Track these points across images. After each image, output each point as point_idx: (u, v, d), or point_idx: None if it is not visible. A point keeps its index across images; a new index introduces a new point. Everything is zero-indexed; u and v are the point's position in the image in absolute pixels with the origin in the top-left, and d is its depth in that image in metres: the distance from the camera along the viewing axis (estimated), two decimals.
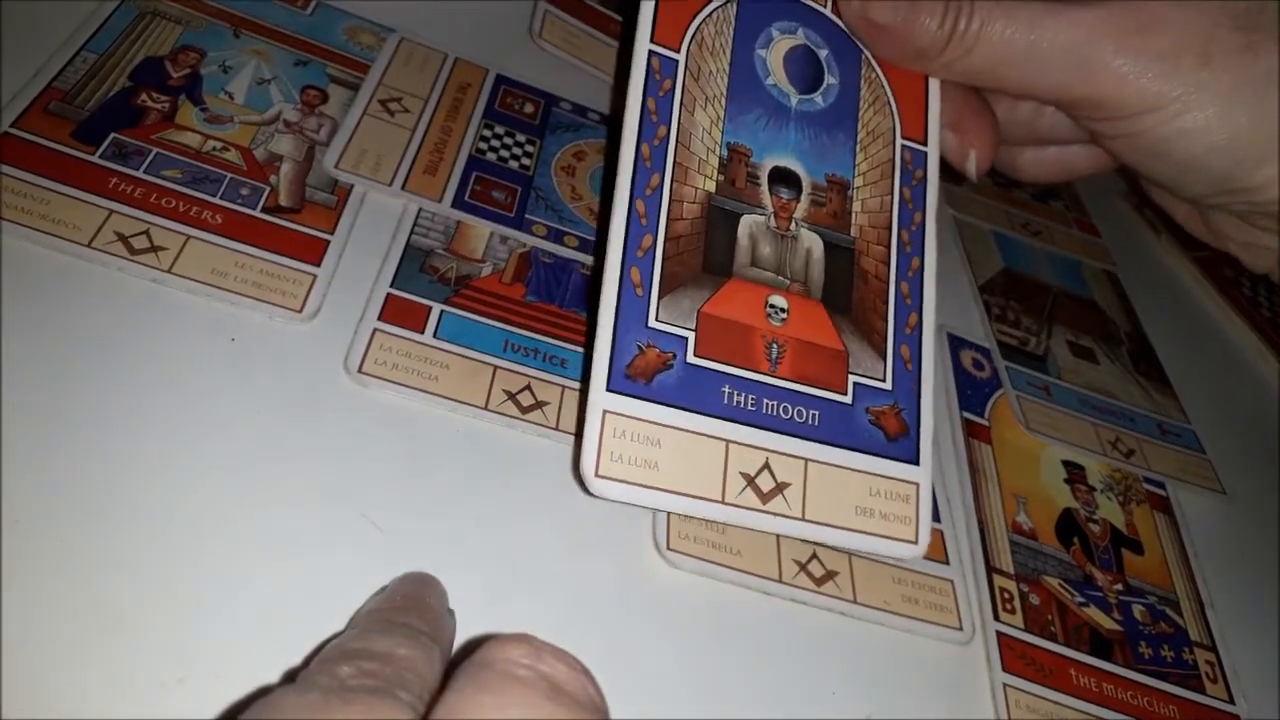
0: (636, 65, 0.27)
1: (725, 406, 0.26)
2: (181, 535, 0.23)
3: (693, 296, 0.26)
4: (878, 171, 0.30)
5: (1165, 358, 0.45)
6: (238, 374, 0.27)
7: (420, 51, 0.38)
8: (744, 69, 0.29)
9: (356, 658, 0.18)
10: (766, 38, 0.29)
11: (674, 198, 0.27)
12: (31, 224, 0.27)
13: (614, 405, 0.24)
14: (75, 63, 0.31)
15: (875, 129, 0.30)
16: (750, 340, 0.27)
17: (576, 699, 0.17)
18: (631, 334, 0.25)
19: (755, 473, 0.25)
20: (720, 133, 0.28)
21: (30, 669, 0.20)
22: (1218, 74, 0.27)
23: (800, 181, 0.29)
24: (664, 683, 0.25)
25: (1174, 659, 0.32)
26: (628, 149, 0.26)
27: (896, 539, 0.26)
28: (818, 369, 0.27)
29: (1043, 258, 0.47)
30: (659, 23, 0.28)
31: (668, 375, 0.25)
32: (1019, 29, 0.28)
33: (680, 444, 0.25)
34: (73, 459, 0.23)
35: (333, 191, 0.32)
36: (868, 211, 0.29)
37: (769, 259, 0.28)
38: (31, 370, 0.24)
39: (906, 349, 0.28)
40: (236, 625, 0.22)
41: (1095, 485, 0.37)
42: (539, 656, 0.17)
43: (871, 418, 0.27)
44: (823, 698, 0.27)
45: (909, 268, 0.29)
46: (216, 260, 0.28)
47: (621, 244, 0.26)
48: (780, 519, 0.25)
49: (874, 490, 0.26)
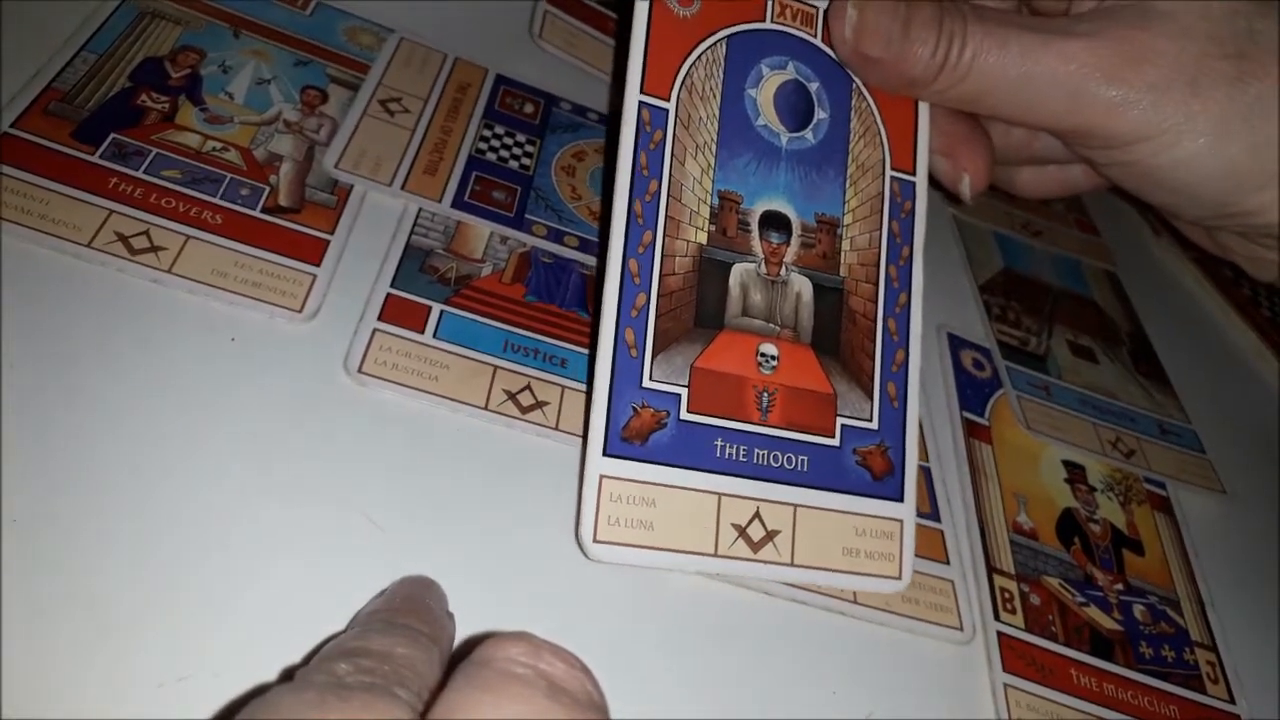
0: (627, 119, 0.27)
1: (718, 460, 0.26)
2: (182, 535, 0.23)
3: (685, 352, 0.27)
4: (867, 207, 0.30)
5: (1165, 358, 0.45)
6: (237, 374, 0.27)
7: (420, 52, 0.38)
8: (734, 112, 0.29)
9: (355, 655, 0.18)
10: (757, 75, 0.29)
11: (666, 253, 0.27)
12: (31, 224, 0.27)
13: (611, 469, 0.25)
14: (75, 63, 0.31)
15: (865, 162, 0.30)
16: (742, 391, 0.27)
17: (575, 697, 0.17)
18: (626, 396, 0.26)
19: (746, 523, 0.26)
20: (711, 181, 0.28)
21: (30, 669, 0.20)
22: (1208, 104, 0.27)
23: (790, 224, 0.29)
24: (664, 683, 0.25)
25: (1175, 659, 0.32)
26: (620, 207, 0.26)
27: (881, 576, 0.27)
28: (807, 414, 0.27)
29: (1043, 257, 0.47)
30: (648, 72, 0.27)
31: (662, 434, 0.26)
32: (1011, 60, 0.28)
33: (674, 502, 0.25)
34: (73, 459, 0.23)
35: (333, 192, 0.32)
36: (856, 249, 0.29)
37: (760, 307, 0.28)
38: (31, 371, 0.24)
39: (893, 386, 0.29)
40: (237, 625, 0.22)
41: (1095, 485, 0.37)
42: (538, 655, 0.17)
43: (858, 458, 0.28)
44: (823, 698, 0.27)
45: (896, 303, 0.29)
46: (216, 260, 0.28)
47: (615, 305, 0.26)
48: (771, 566, 0.26)
49: (860, 530, 0.27)
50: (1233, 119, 0.27)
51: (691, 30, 0.28)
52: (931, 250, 0.44)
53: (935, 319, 0.41)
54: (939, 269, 0.43)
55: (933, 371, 0.38)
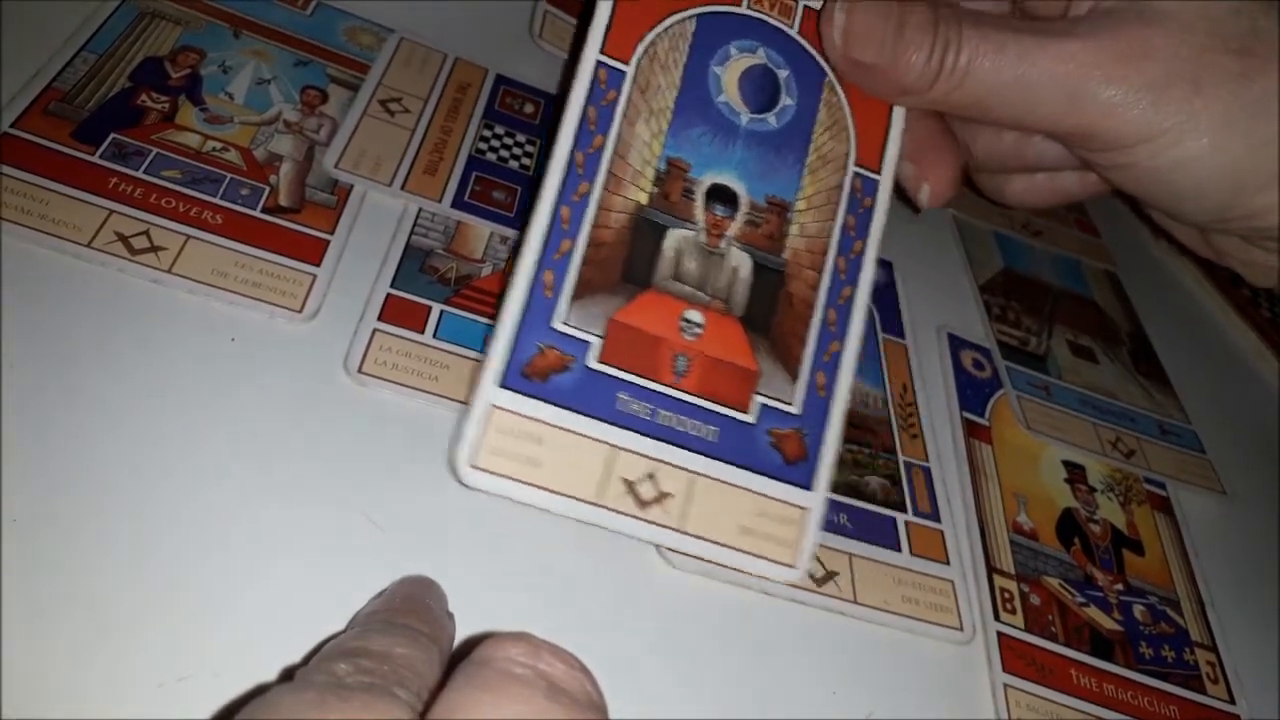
0: (582, 75, 0.27)
1: (618, 412, 0.25)
2: (182, 535, 0.23)
3: (605, 304, 0.26)
4: (823, 196, 0.29)
5: (1165, 358, 0.45)
6: (238, 374, 0.27)
7: (420, 52, 0.38)
8: (695, 85, 0.28)
9: (354, 655, 0.18)
10: (724, 55, 0.29)
11: (602, 206, 0.26)
12: (31, 224, 0.27)
13: (503, 401, 0.24)
14: (75, 63, 0.31)
15: (828, 153, 0.29)
16: (658, 351, 0.26)
17: (575, 698, 0.17)
18: (534, 335, 0.25)
19: (638, 479, 0.25)
20: (661, 146, 0.28)
21: (30, 669, 0.20)
22: (1210, 102, 0.26)
23: (738, 200, 0.28)
24: (664, 683, 0.25)
25: (1174, 659, 0.32)
26: (560, 155, 0.26)
27: (775, 561, 0.26)
28: (724, 386, 0.27)
29: (1043, 257, 0.47)
30: (611, 34, 0.27)
31: (564, 377, 0.25)
32: (1008, 63, 0.27)
33: (564, 444, 0.25)
34: (73, 459, 0.23)
35: (333, 192, 0.32)
36: (806, 236, 0.29)
37: (693, 274, 0.27)
38: (31, 371, 0.24)
39: (822, 375, 0.28)
40: (237, 625, 0.22)
41: (1095, 485, 0.37)
42: (537, 655, 0.17)
43: (772, 439, 0.27)
44: (823, 698, 0.27)
45: (839, 295, 0.29)
46: (216, 260, 0.28)
47: (540, 247, 0.25)
48: (655, 527, 0.25)
49: (761, 511, 0.26)
50: (1236, 117, 0.27)
51: (662, 3, 0.28)
52: (931, 250, 0.44)
53: (935, 319, 0.41)
54: (939, 269, 0.43)
55: (933, 371, 0.38)
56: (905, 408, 0.36)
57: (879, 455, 0.33)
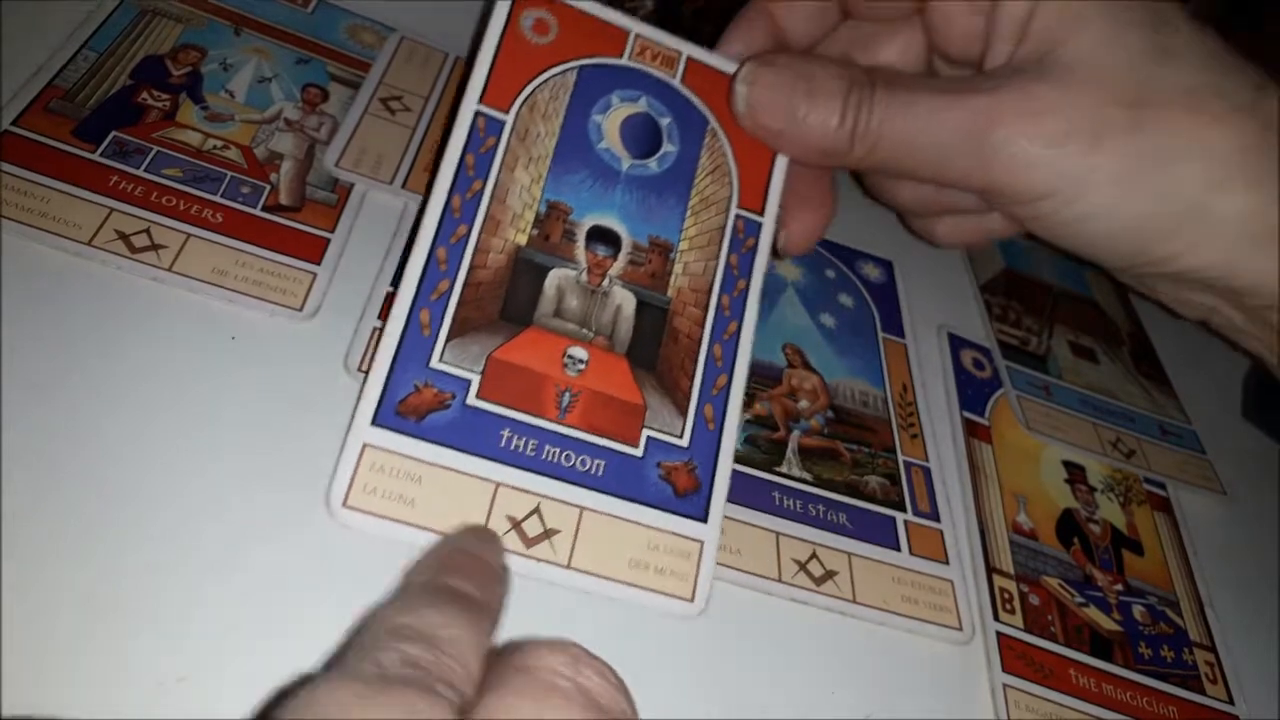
0: (460, 123, 0.27)
1: (500, 450, 0.25)
2: (182, 534, 0.23)
3: (484, 342, 0.26)
4: (706, 237, 0.30)
5: (1165, 358, 0.45)
6: (238, 372, 0.27)
7: (421, 50, 0.38)
8: (575, 132, 0.29)
9: (401, 638, 0.18)
10: (606, 104, 0.30)
11: (480, 248, 0.27)
12: (32, 222, 0.27)
13: (376, 440, 0.24)
14: (76, 61, 0.31)
15: (710, 196, 0.30)
16: (541, 387, 0.26)
17: (609, 713, 0.18)
18: (410, 373, 0.25)
19: (523, 517, 0.25)
20: (540, 190, 0.28)
21: (30, 669, 0.20)
22: (1110, 156, 0.26)
23: (619, 240, 0.29)
24: (663, 682, 0.25)
25: (1174, 659, 0.32)
26: (437, 199, 0.27)
27: (672, 595, 0.25)
28: (610, 421, 0.27)
29: (1044, 258, 0.47)
30: (491, 85, 0.28)
31: (442, 415, 0.25)
32: (919, 120, 0.27)
33: (444, 482, 0.24)
34: (72, 458, 0.23)
35: (333, 190, 0.32)
36: (689, 274, 0.29)
37: (575, 312, 0.28)
38: (32, 369, 0.24)
39: (710, 409, 0.28)
40: (237, 624, 0.22)
41: (1095, 485, 0.37)
42: (578, 668, 0.18)
43: (662, 472, 0.27)
44: (823, 698, 0.27)
45: (725, 330, 0.29)
46: (217, 259, 0.28)
47: (415, 287, 0.26)
48: (544, 565, 0.24)
49: (653, 544, 0.26)
50: (1134, 169, 0.26)
51: (543, 56, 0.29)
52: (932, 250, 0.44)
53: (936, 318, 0.41)
54: (939, 268, 0.43)
55: (933, 371, 0.38)
56: (905, 407, 0.36)
57: (879, 455, 0.33)
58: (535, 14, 0.29)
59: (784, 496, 0.31)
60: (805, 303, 0.37)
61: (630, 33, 0.30)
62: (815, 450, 0.32)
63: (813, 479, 0.31)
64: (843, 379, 0.35)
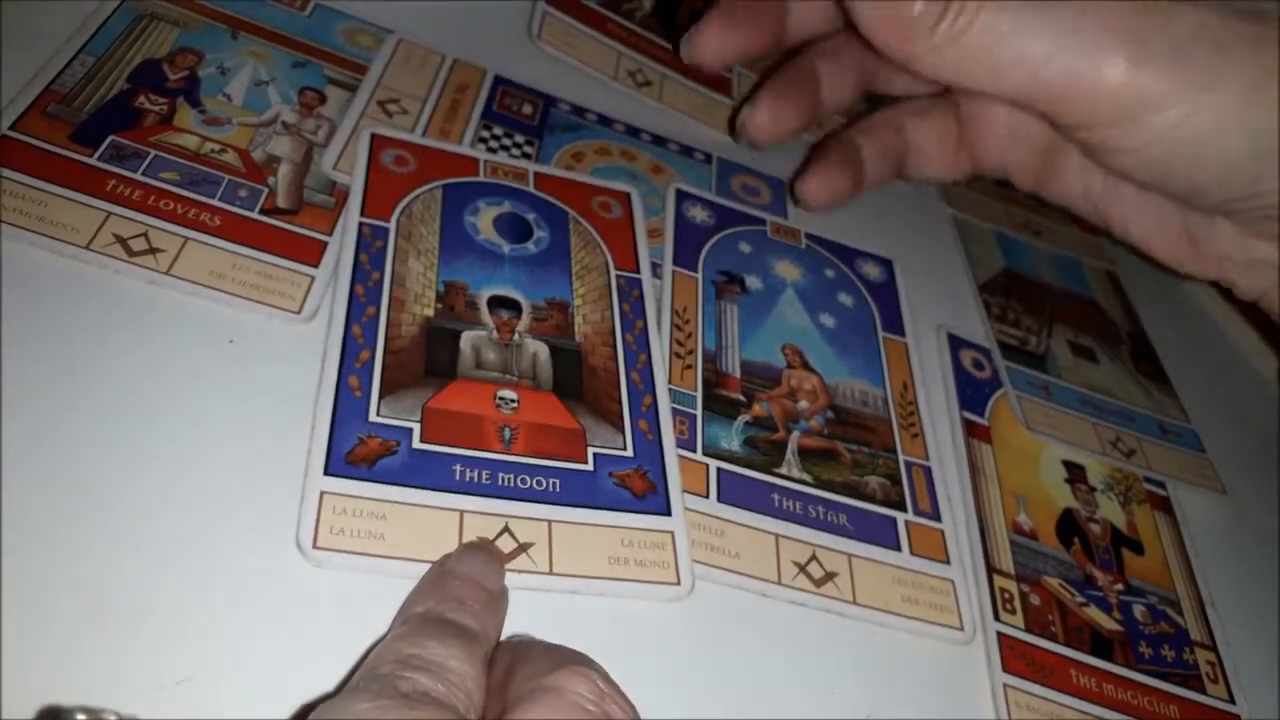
0: (349, 231, 0.30)
1: (456, 482, 0.26)
2: (181, 536, 0.23)
3: (416, 394, 0.27)
4: (595, 293, 0.32)
5: (1165, 358, 0.45)
6: (236, 375, 0.27)
7: (418, 52, 0.38)
8: (455, 230, 0.32)
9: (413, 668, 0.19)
10: (474, 207, 0.33)
11: (391, 322, 0.28)
12: (29, 226, 0.27)
13: (333, 487, 0.25)
14: (73, 65, 0.31)
15: (589, 264, 0.33)
16: (481, 426, 0.27)
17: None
18: (352, 428, 0.26)
19: (494, 537, 0.25)
20: (435, 274, 0.30)
21: (30, 669, 0.20)
22: (1237, 63, 0.25)
23: (519, 305, 0.30)
24: (664, 683, 0.25)
25: (1174, 659, 0.32)
26: (343, 288, 0.29)
27: (659, 582, 0.26)
28: (554, 445, 0.28)
29: (1044, 257, 0.47)
30: (368, 203, 0.31)
31: (392, 459, 0.26)
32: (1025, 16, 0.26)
33: (408, 517, 0.25)
34: (71, 461, 0.23)
35: (331, 193, 0.32)
36: (590, 323, 0.31)
37: (494, 363, 0.29)
38: (30, 373, 0.24)
39: (645, 423, 0.29)
40: (237, 626, 0.22)
41: (1095, 485, 0.37)
42: (604, 698, 0.19)
43: (616, 480, 0.28)
44: (823, 698, 0.27)
45: (637, 361, 0.31)
46: (214, 262, 0.28)
47: (338, 359, 0.27)
48: (526, 575, 0.25)
49: (626, 541, 0.26)
50: (1261, 82, 0.25)
51: (409, 180, 0.32)
52: (932, 250, 0.44)
53: (935, 318, 0.40)
54: (939, 268, 0.43)
55: (933, 371, 0.38)
56: (906, 405, 0.36)
57: (879, 455, 0.33)
58: (394, 152, 0.33)
59: (783, 498, 0.30)
60: (805, 303, 0.37)
61: (479, 160, 0.34)
62: (815, 451, 0.32)
63: (812, 480, 0.31)
64: (843, 379, 0.35)
